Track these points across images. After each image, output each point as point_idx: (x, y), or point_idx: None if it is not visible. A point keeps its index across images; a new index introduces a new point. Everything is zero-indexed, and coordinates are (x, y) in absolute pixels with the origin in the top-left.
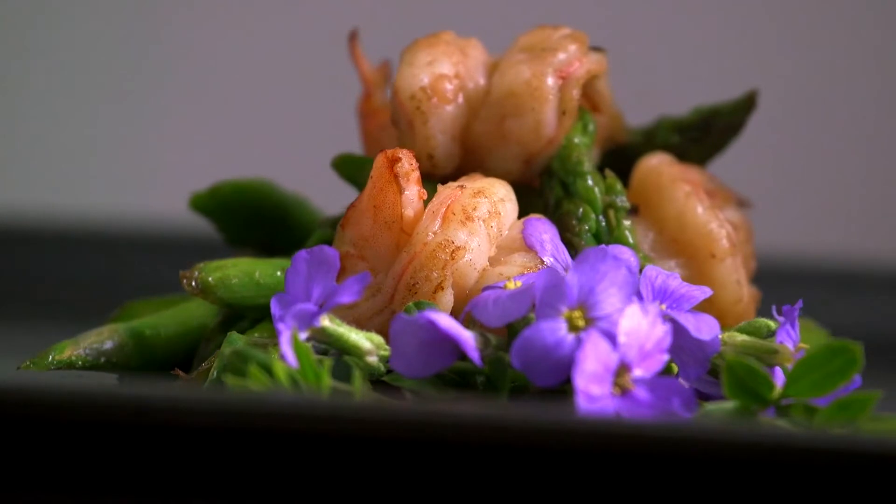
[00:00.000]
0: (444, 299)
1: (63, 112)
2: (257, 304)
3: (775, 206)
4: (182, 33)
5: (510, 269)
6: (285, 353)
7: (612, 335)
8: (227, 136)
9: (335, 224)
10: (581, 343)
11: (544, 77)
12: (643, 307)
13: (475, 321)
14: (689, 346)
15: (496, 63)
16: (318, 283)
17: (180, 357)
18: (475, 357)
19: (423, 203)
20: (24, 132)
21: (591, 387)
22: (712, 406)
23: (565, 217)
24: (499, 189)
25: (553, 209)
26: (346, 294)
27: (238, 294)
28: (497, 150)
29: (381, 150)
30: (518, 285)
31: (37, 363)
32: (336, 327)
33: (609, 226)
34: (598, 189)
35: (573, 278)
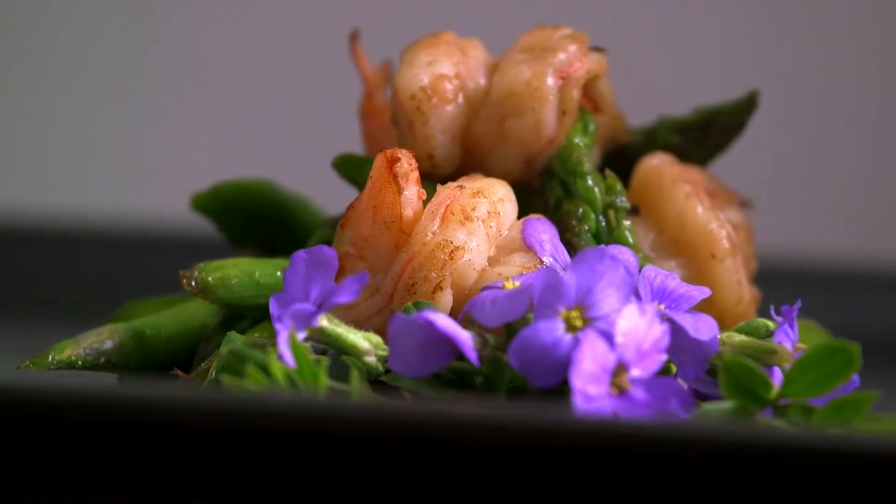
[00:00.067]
0: (443, 299)
1: (63, 112)
2: (257, 304)
3: (775, 207)
4: (182, 33)
5: (509, 269)
6: (283, 352)
7: (609, 335)
8: (228, 136)
9: (336, 224)
10: (578, 343)
11: (544, 77)
12: (641, 307)
13: (473, 321)
14: (687, 347)
15: (496, 63)
16: (317, 282)
17: (180, 357)
18: (473, 357)
19: (423, 203)
20: (24, 132)
21: (588, 387)
22: (710, 406)
23: (565, 217)
24: (498, 189)
25: (553, 209)
26: (345, 294)
27: (238, 294)
28: (497, 150)
29: (381, 151)
30: (516, 285)
31: (37, 363)
32: (334, 327)
33: (609, 226)
34: (598, 189)
35: (571, 278)
